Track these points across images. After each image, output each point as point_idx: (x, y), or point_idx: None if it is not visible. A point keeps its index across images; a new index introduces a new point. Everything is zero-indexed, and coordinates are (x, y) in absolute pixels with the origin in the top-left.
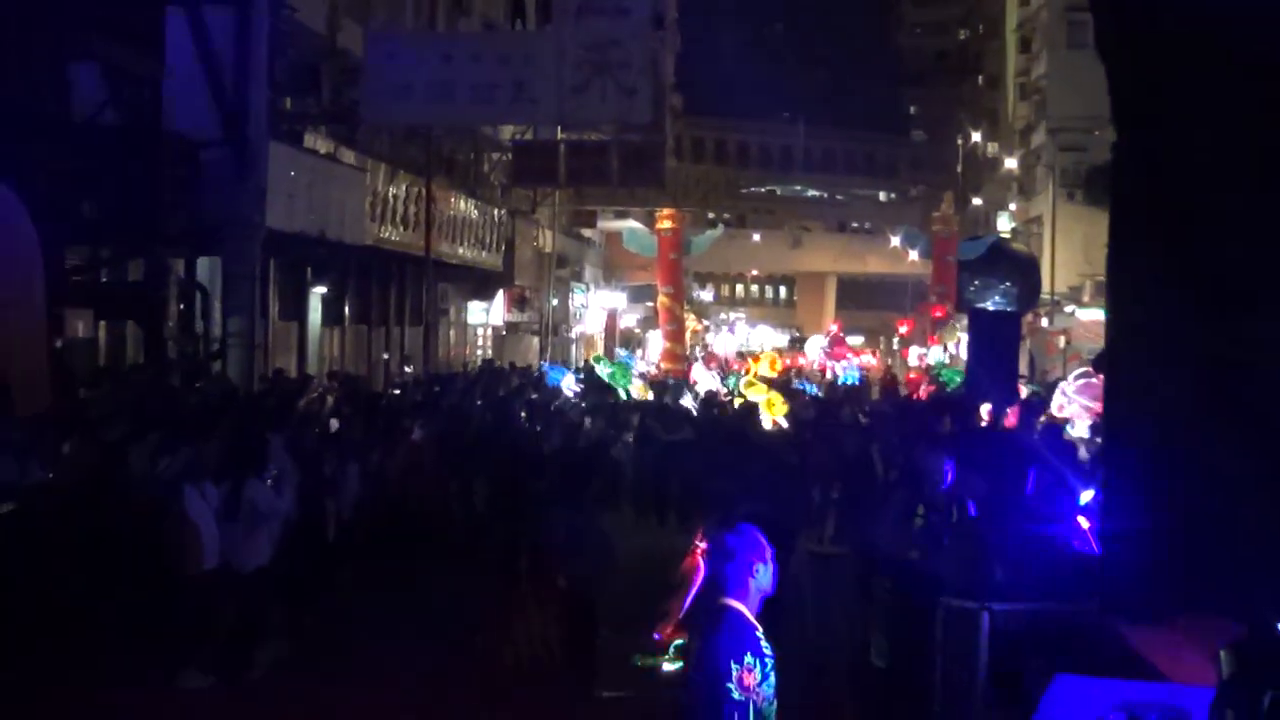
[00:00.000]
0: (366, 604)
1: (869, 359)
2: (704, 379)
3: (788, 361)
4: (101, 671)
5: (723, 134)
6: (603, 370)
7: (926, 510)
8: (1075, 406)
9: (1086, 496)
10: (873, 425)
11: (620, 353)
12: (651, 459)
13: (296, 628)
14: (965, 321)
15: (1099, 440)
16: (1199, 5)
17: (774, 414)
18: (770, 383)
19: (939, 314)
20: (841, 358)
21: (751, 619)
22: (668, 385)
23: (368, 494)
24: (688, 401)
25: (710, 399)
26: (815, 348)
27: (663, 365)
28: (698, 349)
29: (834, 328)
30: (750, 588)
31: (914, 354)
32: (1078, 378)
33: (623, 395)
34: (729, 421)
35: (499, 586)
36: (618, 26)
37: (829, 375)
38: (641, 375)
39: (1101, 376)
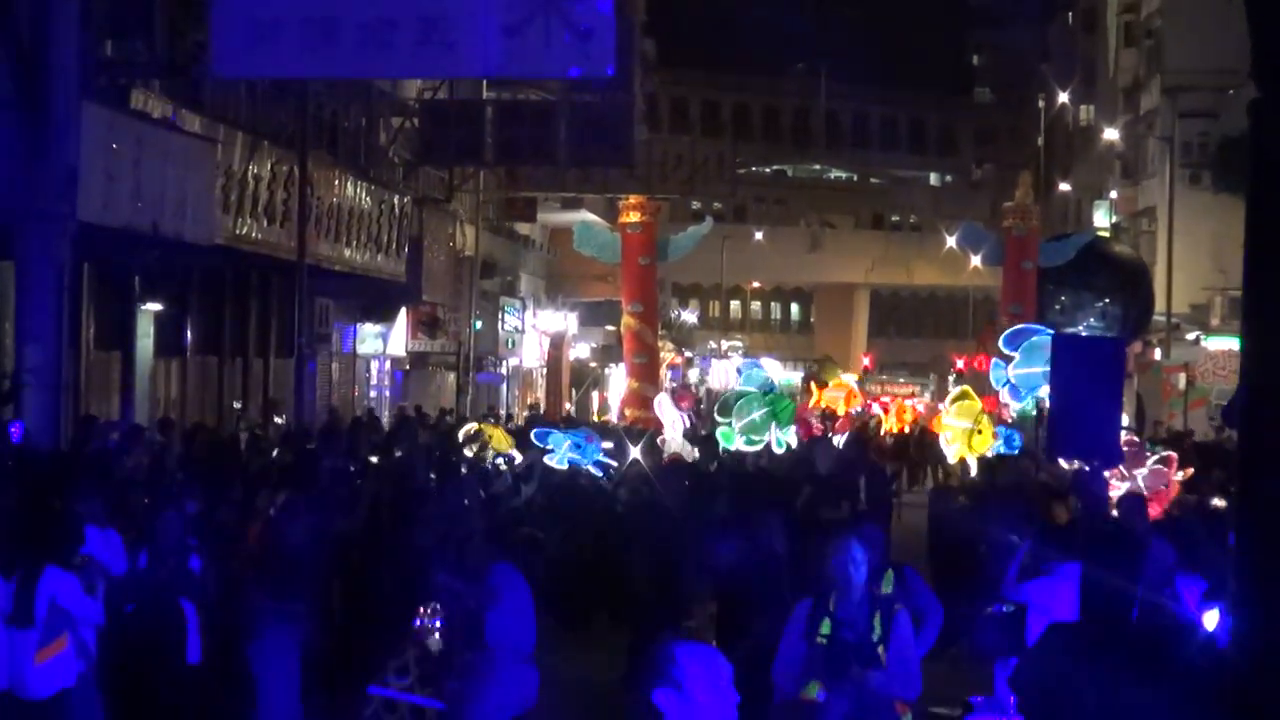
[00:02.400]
0: None
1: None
2: (670, 419)
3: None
4: None
5: (713, 93)
6: (745, 414)
7: (835, 627)
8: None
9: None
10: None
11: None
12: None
13: None
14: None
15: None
16: None
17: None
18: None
19: None
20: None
21: None
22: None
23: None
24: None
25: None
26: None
27: (628, 413)
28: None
29: (865, 361)
30: None
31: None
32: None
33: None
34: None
35: None
36: None
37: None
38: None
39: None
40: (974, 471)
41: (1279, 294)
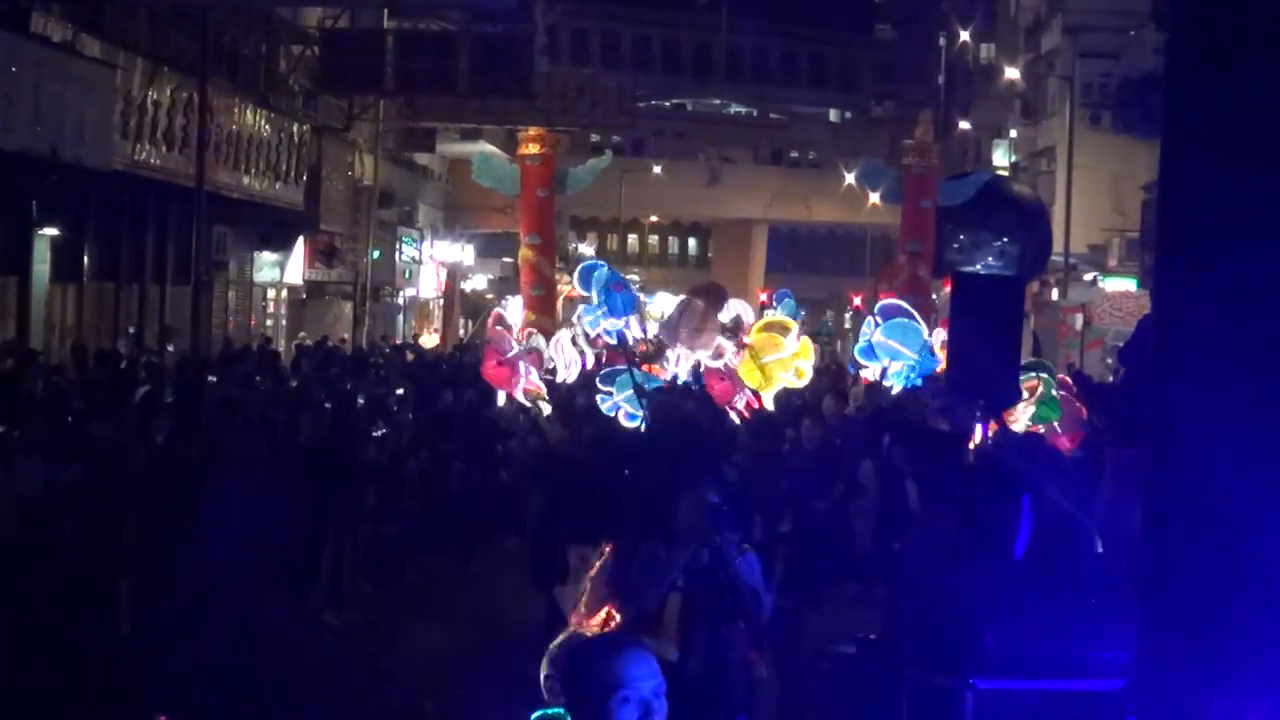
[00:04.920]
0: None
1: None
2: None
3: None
4: None
5: (614, 25)
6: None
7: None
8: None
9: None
10: (853, 433)
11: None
12: None
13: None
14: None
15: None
16: None
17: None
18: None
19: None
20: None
21: None
22: None
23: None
24: None
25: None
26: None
27: None
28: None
29: (762, 297)
30: None
31: None
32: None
33: None
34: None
35: None
36: None
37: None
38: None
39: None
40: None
41: (1190, 237)
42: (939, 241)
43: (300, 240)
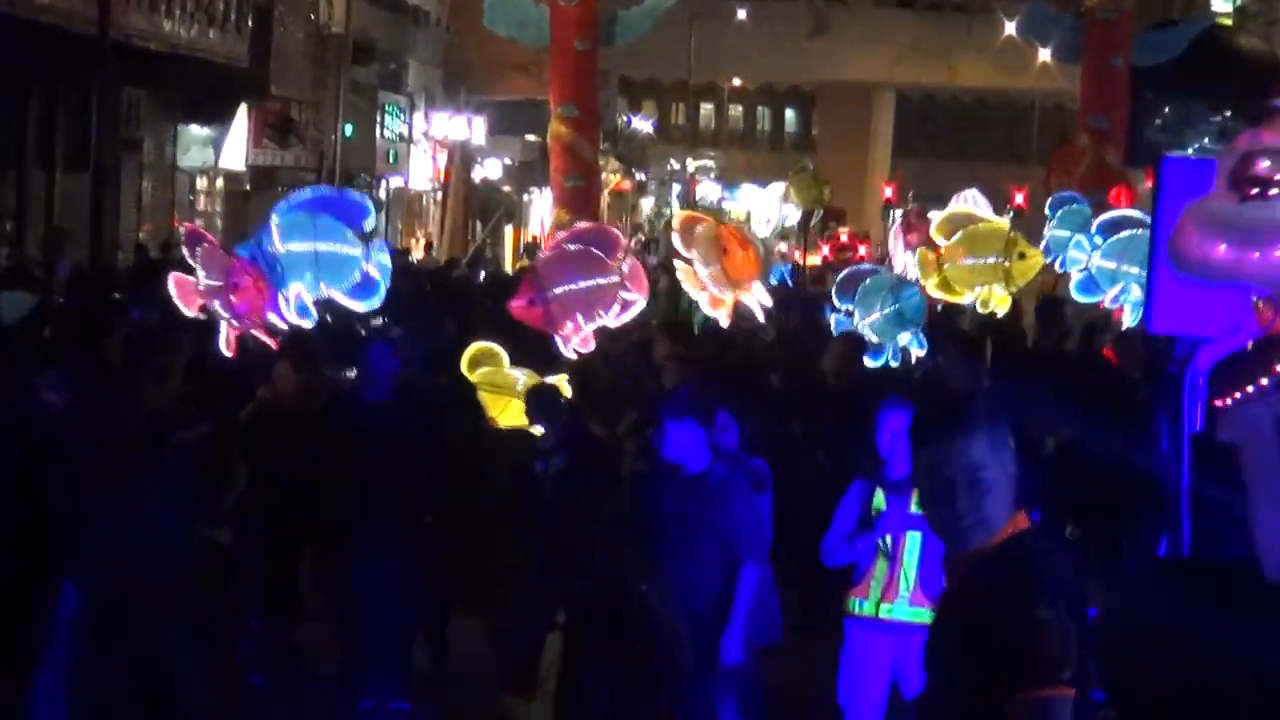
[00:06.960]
0: None
1: None
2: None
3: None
4: None
5: None
6: None
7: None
8: None
9: None
10: None
11: None
12: None
13: None
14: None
15: None
16: None
17: None
18: None
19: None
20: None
21: None
22: None
23: None
24: None
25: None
26: None
27: None
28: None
29: (887, 191)
30: None
31: None
32: None
33: None
34: None
35: None
36: None
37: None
38: None
39: None
40: None
41: None
42: (1135, 116)
43: (243, 110)
